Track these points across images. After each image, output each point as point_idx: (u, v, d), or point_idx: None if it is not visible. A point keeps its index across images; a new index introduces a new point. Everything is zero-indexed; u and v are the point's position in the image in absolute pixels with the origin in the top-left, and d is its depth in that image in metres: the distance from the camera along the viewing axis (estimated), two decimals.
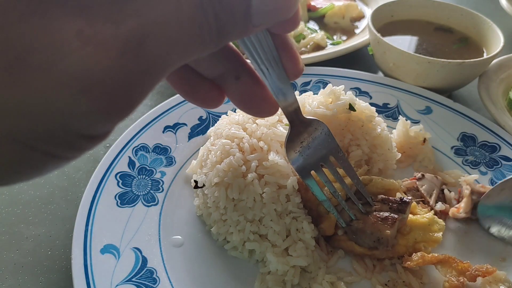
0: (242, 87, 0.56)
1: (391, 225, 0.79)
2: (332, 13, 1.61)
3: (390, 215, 0.80)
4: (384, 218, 0.80)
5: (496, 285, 0.78)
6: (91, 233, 0.80)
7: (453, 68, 1.13)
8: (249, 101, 0.58)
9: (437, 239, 0.81)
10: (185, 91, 0.57)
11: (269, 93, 0.58)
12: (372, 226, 0.79)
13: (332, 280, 0.78)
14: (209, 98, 0.57)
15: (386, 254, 0.81)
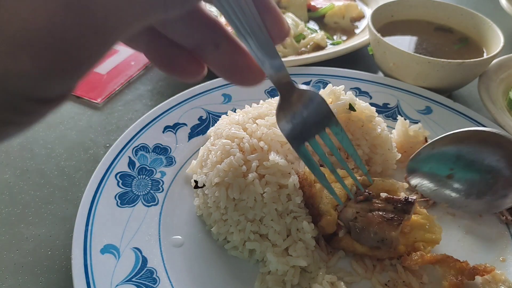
0: (222, 55, 0.52)
1: (397, 226, 0.78)
2: (332, 13, 1.61)
3: (395, 216, 0.79)
4: (390, 219, 0.79)
5: (496, 285, 0.78)
6: (91, 233, 0.80)
7: (453, 68, 1.13)
8: (232, 70, 0.54)
9: (436, 239, 0.81)
10: (161, 63, 0.53)
11: (253, 60, 0.54)
12: (377, 226, 0.78)
13: (332, 280, 0.78)
14: (188, 70, 0.53)
15: (388, 255, 0.81)
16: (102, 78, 1.34)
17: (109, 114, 1.22)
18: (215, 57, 0.52)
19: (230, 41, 0.52)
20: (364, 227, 0.79)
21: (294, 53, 1.41)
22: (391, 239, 0.78)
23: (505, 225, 0.91)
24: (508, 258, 0.85)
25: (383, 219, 0.79)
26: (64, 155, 1.09)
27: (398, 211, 0.79)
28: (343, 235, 0.82)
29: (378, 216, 0.79)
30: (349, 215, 0.81)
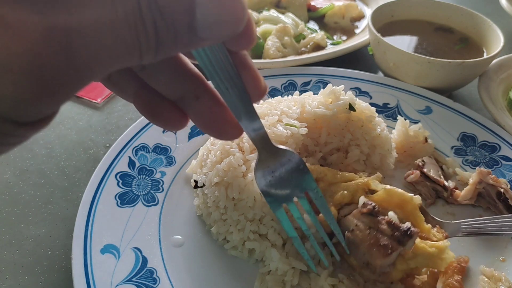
0: (202, 107, 0.55)
1: (385, 256, 0.72)
2: (332, 13, 1.61)
3: (390, 244, 0.72)
4: (383, 246, 0.72)
5: (495, 285, 0.78)
6: (91, 233, 0.80)
7: (453, 68, 1.13)
8: (210, 122, 0.56)
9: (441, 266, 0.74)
10: (147, 112, 0.57)
11: (232, 116, 0.56)
12: (368, 248, 0.74)
13: (333, 283, 0.77)
14: (172, 120, 0.56)
15: (374, 278, 0.77)
16: None
17: (109, 114, 1.22)
18: (195, 109, 0.55)
19: (210, 94, 0.55)
20: (356, 242, 0.75)
21: (294, 53, 1.41)
22: (376, 266, 0.73)
23: None
24: (508, 258, 0.85)
25: (376, 243, 0.73)
26: (64, 155, 1.09)
27: (394, 239, 0.73)
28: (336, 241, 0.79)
29: (373, 237, 0.74)
30: (349, 225, 0.77)
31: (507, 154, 1.03)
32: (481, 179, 0.92)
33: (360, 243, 0.75)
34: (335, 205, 0.81)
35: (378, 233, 0.74)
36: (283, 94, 1.17)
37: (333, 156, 0.94)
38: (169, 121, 0.56)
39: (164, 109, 0.56)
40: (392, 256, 0.72)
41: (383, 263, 0.73)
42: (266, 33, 1.43)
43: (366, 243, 0.74)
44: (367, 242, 0.74)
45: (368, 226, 0.75)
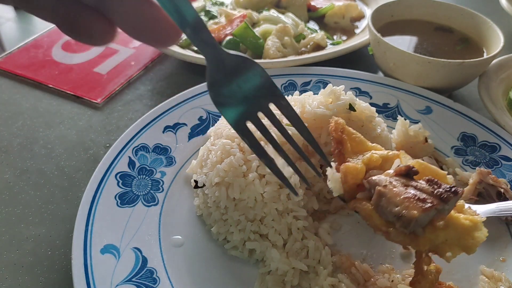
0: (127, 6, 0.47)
1: (423, 209, 0.64)
2: (332, 13, 1.61)
3: (429, 198, 0.65)
4: (421, 199, 0.65)
5: (495, 285, 0.78)
6: (91, 233, 0.80)
7: (453, 68, 1.13)
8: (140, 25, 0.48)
9: (472, 246, 0.66)
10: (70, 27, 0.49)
11: (164, 13, 0.48)
12: (402, 200, 0.65)
13: (333, 283, 0.77)
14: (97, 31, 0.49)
15: (403, 240, 0.67)
16: (102, 78, 1.34)
17: (109, 114, 1.22)
18: (119, 10, 0.48)
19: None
20: (389, 195, 0.66)
21: (294, 53, 1.41)
22: (410, 218, 0.64)
23: (505, 225, 0.91)
24: (508, 258, 0.85)
25: (413, 197, 0.65)
26: (64, 155, 1.09)
27: (436, 197, 0.65)
28: (362, 197, 0.71)
29: (409, 192, 0.66)
30: (381, 181, 0.69)
31: (507, 154, 1.03)
32: (481, 179, 0.92)
33: (394, 196, 0.66)
34: (364, 163, 0.73)
35: (417, 190, 0.66)
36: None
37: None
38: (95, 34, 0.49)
39: (87, 21, 0.49)
40: (431, 211, 0.64)
41: (421, 216, 0.64)
42: (266, 33, 1.43)
43: (401, 196, 0.66)
44: (402, 196, 0.66)
45: (402, 185, 0.68)
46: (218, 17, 1.56)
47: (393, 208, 0.66)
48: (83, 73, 1.35)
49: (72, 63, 1.40)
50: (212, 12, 1.60)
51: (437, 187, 0.66)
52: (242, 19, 1.44)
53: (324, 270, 0.78)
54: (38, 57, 1.41)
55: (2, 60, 1.39)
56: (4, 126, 1.16)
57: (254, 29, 1.43)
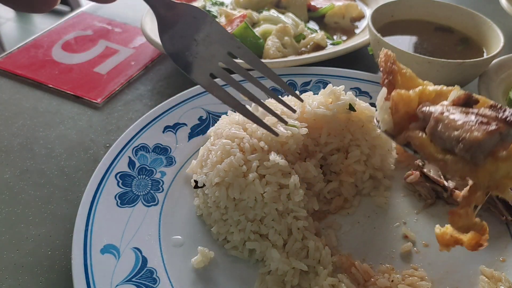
0: None
1: (488, 132, 0.57)
2: (332, 13, 1.61)
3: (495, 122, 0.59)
4: (485, 122, 0.58)
5: (495, 285, 0.78)
6: (91, 233, 0.80)
7: (453, 68, 1.13)
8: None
9: None
10: None
11: None
12: (462, 124, 0.59)
13: (333, 283, 0.77)
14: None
15: (462, 169, 0.60)
16: (102, 78, 1.34)
17: (109, 114, 1.22)
18: None
19: None
20: (448, 121, 0.60)
21: (294, 53, 1.41)
22: (473, 141, 0.57)
23: (505, 225, 0.91)
24: (508, 258, 0.85)
25: (476, 121, 0.59)
26: (64, 155, 1.09)
27: (501, 121, 0.59)
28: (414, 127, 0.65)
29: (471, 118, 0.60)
30: (436, 109, 0.63)
31: None
32: None
33: (453, 121, 0.60)
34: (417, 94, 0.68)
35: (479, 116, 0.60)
36: (283, 94, 1.17)
37: (333, 157, 0.94)
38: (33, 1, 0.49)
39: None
40: (495, 135, 0.58)
41: (485, 139, 0.57)
42: (266, 33, 1.43)
43: (461, 121, 0.60)
44: (463, 120, 0.60)
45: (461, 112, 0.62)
46: (218, 17, 1.56)
47: (453, 132, 0.59)
48: (83, 73, 1.35)
49: (72, 63, 1.40)
50: (212, 12, 1.60)
51: (502, 112, 0.60)
52: (242, 19, 1.44)
53: (324, 270, 0.78)
54: (38, 57, 1.41)
55: (2, 60, 1.39)
56: (4, 126, 1.16)
57: (254, 29, 1.43)
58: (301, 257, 0.80)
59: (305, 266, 0.78)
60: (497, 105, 0.62)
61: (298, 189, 0.82)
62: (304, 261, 0.80)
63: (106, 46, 1.48)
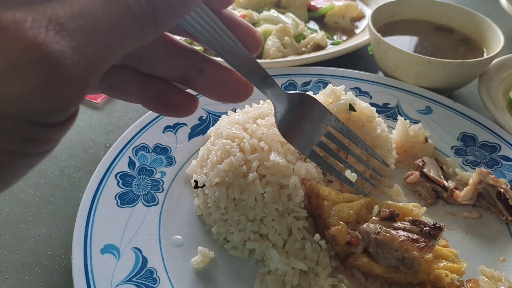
0: (208, 77, 0.56)
1: (421, 248, 0.74)
2: (332, 13, 1.61)
3: (421, 238, 0.75)
4: (415, 240, 0.75)
5: (495, 285, 0.78)
6: (91, 233, 0.80)
7: (453, 68, 1.13)
8: (221, 89, 0.57)
9: (460, 268, 0.76)
10: (158, 106, 0.57)
11: (238, 75, 0.57)
12: (400, 244, 0.74)
13: (334, 283, 0.77)
14: (181, 105, 0.57)
15: (405, 279, 0.76)
16: None
17: (109, 114, 1.22)
18: (202, 81, 0.56)
19: (211, 62, 0.56)
20: (386, 242, 0.75)
21: (294, 53, 1.41)
22: (413, 259, 0.73)
23: (505, 225, 0.91)
24: (508, 258, 0.85)
25: (407, 239, 0.75)
26: (64, 155, 1.09)
27: (424, 235, 0.76)
28: (360, 251, 0.78)
29: (402, 235, 0.76)
30: (371, 229, 0.77)
31: (507, 154, 1.03)
32: (481, 179, 0.92)
33: (390, 241, 0.75)
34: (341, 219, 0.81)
35: (405, 232, 0.77)
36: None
37: None
38: (179, 107, 0.57)
39: (172, 97, 0.57)
40: (425, 249, 0.74)
41: (420, 255, 0.74)
42: (266, 33, 1.43)
43: (397, 241, 0.75)
44: (398, 240, 0.75)
45: (391, 228, 0.78)
46: None
47: (394, 252, 0.74)
48: None
49: None
50: None
51: (423, 226, 0.77)
52: (244, 18, 1.44)
53: (324, 270, 0.78)
54: None
55: None
56: None
57: None
58: (300, 258, 0.80)
59: (305, 266, 0.78)
60: (416, 219, 0.79)
61: (299, 190, 0.82)
62: (304, 261, 0.79)
63: None
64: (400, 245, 0.74)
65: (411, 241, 0.75)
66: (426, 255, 0.76)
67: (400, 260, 0.74)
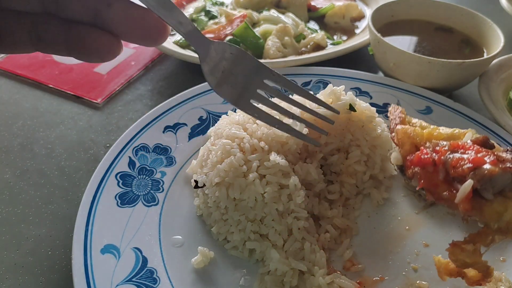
0: (117, 12, 0.54)
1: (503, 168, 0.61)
2: (332, 13, 1.61)
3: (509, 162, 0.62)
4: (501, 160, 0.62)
5: (496, 285, 0.78)
6: (91, 233, 0.80)
7: (453, 68, 1.13)
8: (131, 27, 0.55)
9: None
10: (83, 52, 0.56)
11: (152, 13, 0.55)
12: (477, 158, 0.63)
13: (329, 281, 0.77)
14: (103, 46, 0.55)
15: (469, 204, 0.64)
16: (102, 78, 1.34)
17: (109, 114, 1.22)
18: (112, 18, 0.54)
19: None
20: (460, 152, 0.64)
21: (294, 53, 1.41)
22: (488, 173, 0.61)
23: None
24: (508, 258, 0.85)
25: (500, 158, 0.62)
26: (64, 155, 1.09)
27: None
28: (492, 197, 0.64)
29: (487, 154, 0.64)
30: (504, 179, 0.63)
31: None
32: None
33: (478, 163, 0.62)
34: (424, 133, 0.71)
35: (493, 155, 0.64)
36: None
37: (333, 157, 0.94)
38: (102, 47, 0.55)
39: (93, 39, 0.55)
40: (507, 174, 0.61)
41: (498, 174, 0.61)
42: (266, 33, 1.43)
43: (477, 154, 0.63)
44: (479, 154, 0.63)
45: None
46: (218, 17, 1.56)
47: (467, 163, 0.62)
48: (83, 73, 1.35)
49: (72, 63, 1.40)
50: (212, 12, 1.60)
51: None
52: (242, 19, 1.44)
53: (320, 270, 0.78)
54: (38, 57, 1.41)
55: (2, 60, 1.39)
56: (4, 126, 1.16)
57: (254, 29, 1.43)
58: (299, 258, 0.80)
59: (305, 266, 0.78)
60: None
61: (299, 190, 0.82)
62: (302, 261, 0.79)
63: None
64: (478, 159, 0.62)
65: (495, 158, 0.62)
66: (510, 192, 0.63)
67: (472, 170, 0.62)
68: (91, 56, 0.57)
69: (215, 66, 0.65)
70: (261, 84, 0.72)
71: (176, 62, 1.44)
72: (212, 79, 0.66)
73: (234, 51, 0.67)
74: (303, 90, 0.81)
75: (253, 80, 0.70)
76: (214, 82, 0.66)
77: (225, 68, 0.66)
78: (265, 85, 0.72)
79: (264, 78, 0.72)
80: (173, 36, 1.46)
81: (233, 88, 0.68)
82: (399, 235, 0.89)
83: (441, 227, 0.90)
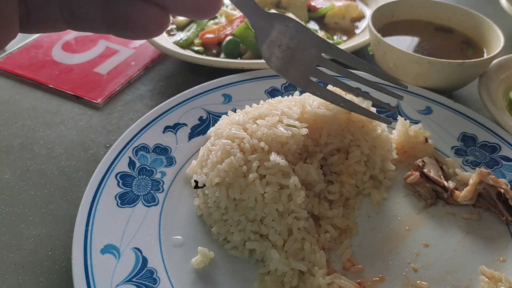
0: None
1: None
2: (332, 13, 1.61)
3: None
4: None
5: (495, 285, 0.78)
6: (91, 233, 0.80)
7: (454, 68, 1.13)
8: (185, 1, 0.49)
9: None
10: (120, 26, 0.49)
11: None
12: None
13: (329, 282, 0.77)
14: (149, 20, 0.49)
15: None
16: (102, 78, 1.34)
17: (109, 114, 1.22)
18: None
19: None
20: None
21: None
22: None
23: (505, 225, 0.91)
24: (508, 258, 0.85)
25: None
26: (64, 155, 1.09)
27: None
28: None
29: None
30: None
31: (508, 155, 1.03)
32: (481, 179, 0.92)
33: None
34: None
35: None
36: (283, 94, 1.17)
37: (333, 157, 0.94)
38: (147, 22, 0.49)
39: (137, 14, 0.49)
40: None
41: None
42: None
43: None
44: None
45: None
46: (218, 17, 1.56)
47: None
48: (83, 73, 1.35)
49: (72, 63, 1.40)
50: None
51: None
52: (242, 19, 1.44)
53: (320, 270, 0.78)
54: (38, 57, 1.41)
55: (2, 60, 1.39)
56: (4, 126, 1.16)
57: None
58: (299, 258, 0.80)
59: (305, 267, 0.78)
60: None
61: (299, 190, 0.82)
62: (302, 262, 0.79)
63: (106, 46, 1.48)
64: None
65: None
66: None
67: None
68: (136, 32, 0.50)
69: (271, 39, 0.60)
70: (321, 59, 0.66)
71: (176, 62, 1.44)
72: (267, 54, 0.61)
73: (290, 24, 0.61)
74: (366, 65, 0.74)
75: (311, 55, 0.65)
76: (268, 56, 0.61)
77: (281, 42, 0.61)
78: (324, 60, 0.67)
79: (323, 51, 0.66)
80: (173, 36, 1.46)
81: (289, 64, 0.62)
82: (399, 235, 0.89)
83: (441, 227, 0.91)
